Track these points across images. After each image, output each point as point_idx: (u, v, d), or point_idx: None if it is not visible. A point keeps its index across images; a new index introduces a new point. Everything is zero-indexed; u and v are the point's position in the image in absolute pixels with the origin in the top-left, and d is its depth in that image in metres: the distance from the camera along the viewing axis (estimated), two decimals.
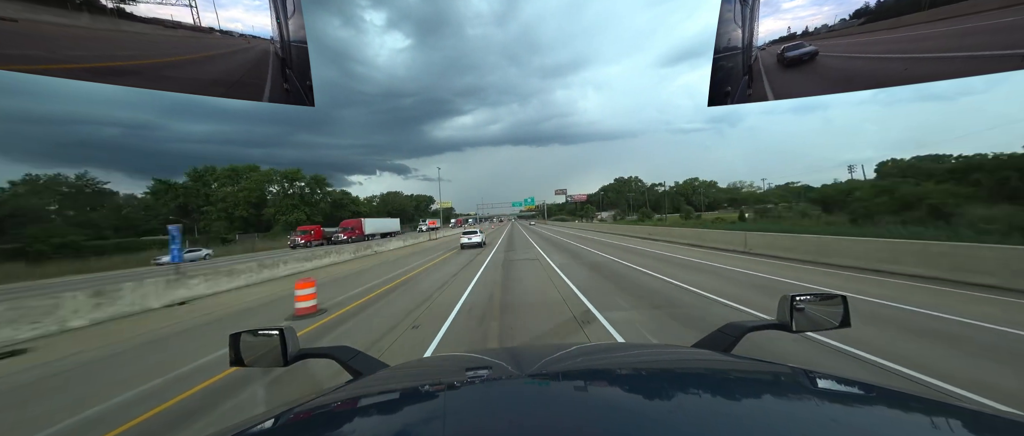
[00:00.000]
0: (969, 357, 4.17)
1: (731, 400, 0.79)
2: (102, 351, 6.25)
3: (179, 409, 3.88)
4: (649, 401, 0.78)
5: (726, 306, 6.81)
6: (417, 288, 10.46)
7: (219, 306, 9.75)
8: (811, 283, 8.71)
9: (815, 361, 4.23)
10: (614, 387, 0.91)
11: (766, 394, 0.83)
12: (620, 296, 7.97)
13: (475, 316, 6.86)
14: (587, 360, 1.17)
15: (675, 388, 0.86)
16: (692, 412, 0.72)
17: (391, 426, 0.76)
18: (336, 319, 7.41)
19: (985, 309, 5.90)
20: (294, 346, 1.26)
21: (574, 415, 0.72)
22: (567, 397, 0.85)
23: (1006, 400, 3.23)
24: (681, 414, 0.71)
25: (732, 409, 0.73)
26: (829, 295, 1.26)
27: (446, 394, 0.94)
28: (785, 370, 0.94)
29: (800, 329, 1.20)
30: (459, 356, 1.52)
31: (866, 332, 5.01)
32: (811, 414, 0.71)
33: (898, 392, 0.78)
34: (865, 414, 0.68)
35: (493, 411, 0.79)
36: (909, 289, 7.52)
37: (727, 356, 1.14)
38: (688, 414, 0.71)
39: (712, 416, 0.69)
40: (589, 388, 0.90)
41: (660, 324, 5.83)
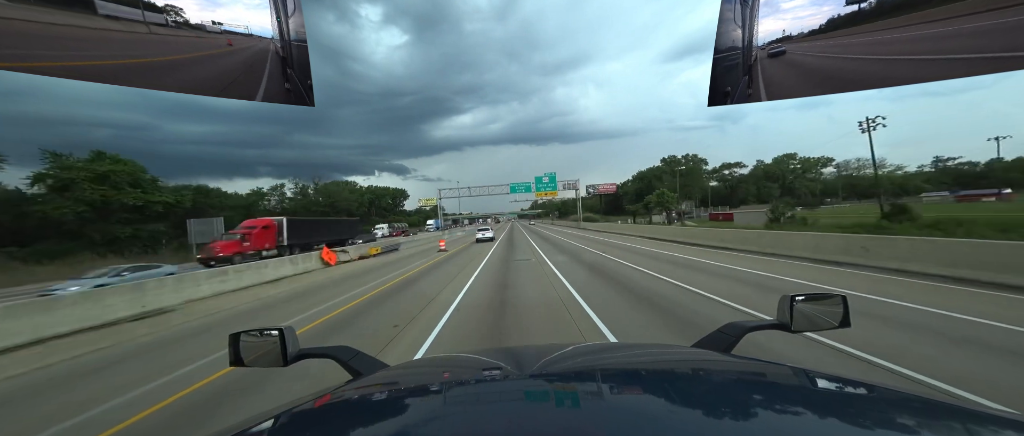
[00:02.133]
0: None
1: (731, 400, 0.79)
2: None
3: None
4: (649, 401, 0.78)
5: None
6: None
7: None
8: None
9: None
10: (614, 387, 0.91)
11: (766, 394, 0.83)
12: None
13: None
14: (587, 360, 1.17)
15: (675, 388, 0.86)
16: (692, 412, 0.72)
17: (391, 426, 0.76)
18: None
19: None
20: (294, 346, 1.26)
21: (574, 415, 0.72)
22: (567, 397, 0.85)
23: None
24: (681, 414, 0.71)
25: (732, 409, 0.73)
26: (829, 295, 1.26)
27: (446, 394, 0.95)
28: (785, 370, 0.94)
29: (799, 329, 1.20)
30: (459, 356, 1.52)
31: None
32: (811, 414, 0.71)
33: (898, 392, 0.78)
34: (865, 414, 0.68)
35: (493, 411, 0.79)
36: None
37: (727, 356, 1.14)
38: (688, 414, 0.71)
39: (712, 416, 0.69)
40: (589, 388, 0.90)
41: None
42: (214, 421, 3.96)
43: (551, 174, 51.73)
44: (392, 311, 8.46)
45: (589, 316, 6.92)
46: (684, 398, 0.80)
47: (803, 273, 10.26)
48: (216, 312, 9.86)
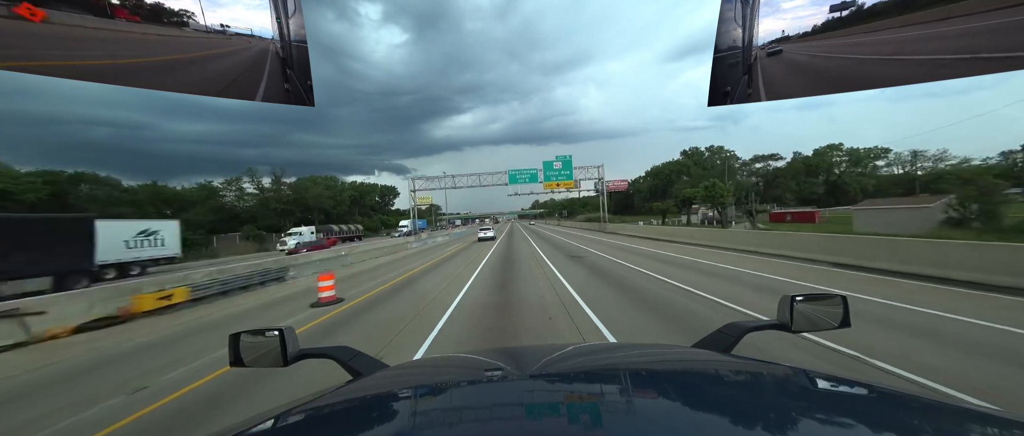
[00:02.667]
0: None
1: (731, 400, 0.79)
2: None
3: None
4: (649, 401, 0.78)
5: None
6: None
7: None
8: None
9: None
10: (614, 387, 0.91)
11: (766, 394, 0.83)
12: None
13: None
14: (587, 360, 1.17)
15: (675, 388, 0.86)
16: (692, 412, 0.72)
17: (391, 426, 0.76)
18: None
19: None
20: (294, 346, 1.26)
21: (574, 415, 0.72)
22: (567, 398, 0.85)
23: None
24: (681, 414, 0.71)
25: (732, 409, 0.73)
26: (829, 295, 1.26)
27: (446, 394, 0.94)
28: (785, 370, 0.94)
29: (799, 329, 1.20)
30: (459, 356, 1.52)
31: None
32: (811, 414, 0.71)
33: (898, 392, 0.78)
34: (865, 414, 0.68)
35: (493, 411, 0.79)
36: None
37: (727, 356, 1.14)
38: (688, 414, 0.71)
39: (712, 416, 0.69)
40: (589, 388, 0.90)
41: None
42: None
43: (565, 157, 35.90)
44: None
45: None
46: (684, 398, 0.80)
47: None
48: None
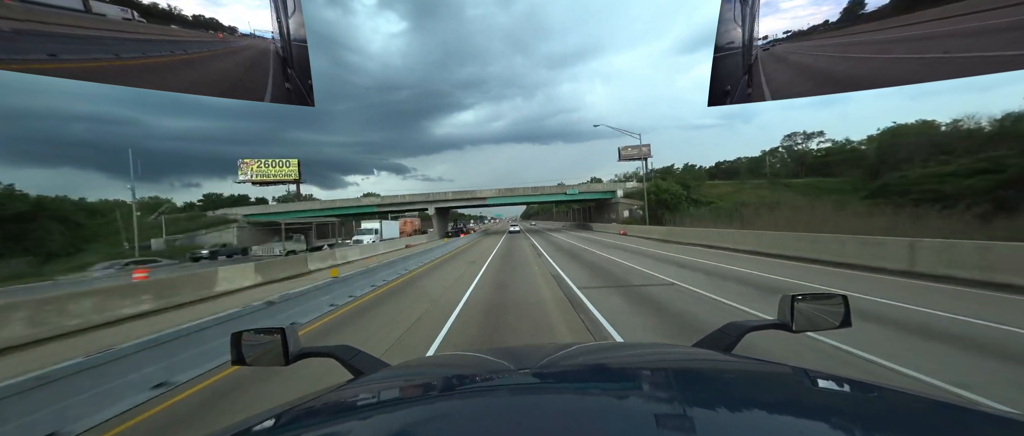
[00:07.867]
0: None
1: (731, 400, 0.79)
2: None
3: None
4: (650, 401, 0.79)
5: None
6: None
7: None
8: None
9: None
10: (615, 387, 0.91)
11: (766, 394, 0.83)
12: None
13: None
14: (588, 359, 1.17)
15: (676, 388, 0.87)
16: (692, 411, 0.72)
17: (392, 425, 0.76)
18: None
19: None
20: (295, 345, 1.26)
21: (575, 415, 0.72)
22: (568, 397, 0.86)
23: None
24: (681, 413, 0.71)
25: (732, 409, 0.73)
26: (830, 294, 1.26)
27: (448, 393, 0.95)
28: (785, 370, 0.94)
29: (800, 329, 1.20)
30: (460, 355, 1.52)
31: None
32: (811, 414, 0.71)
33: (898, 392, 0.78)
34: (867, 414, 0.68)
35: (494, 410, 0.79)
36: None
37: (727, 356, 1.14)
38: (688, 413, 0.71)
39: (712, 415, 0.69)
40: (590, 388, 0.91)
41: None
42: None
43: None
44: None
45: None
46: (685, 397, 0.80)
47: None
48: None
